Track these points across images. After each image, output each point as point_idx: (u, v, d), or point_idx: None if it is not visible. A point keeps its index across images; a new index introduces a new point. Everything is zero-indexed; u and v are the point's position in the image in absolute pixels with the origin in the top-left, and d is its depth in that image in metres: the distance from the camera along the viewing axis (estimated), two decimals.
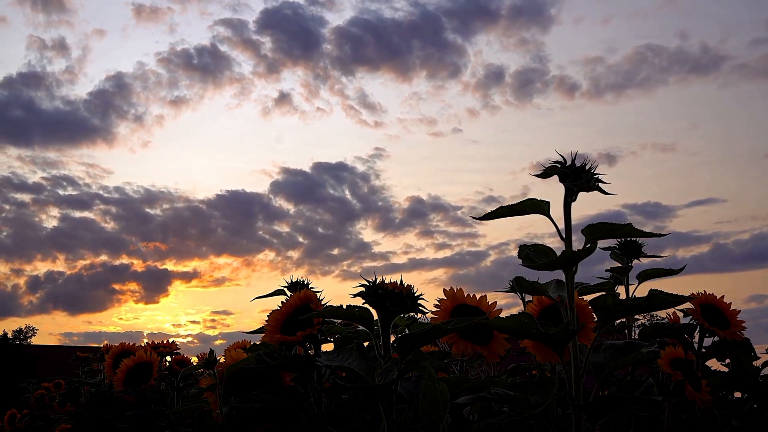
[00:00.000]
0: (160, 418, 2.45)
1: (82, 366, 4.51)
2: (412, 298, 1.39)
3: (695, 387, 1.57)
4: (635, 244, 2.13)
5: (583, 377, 1.33)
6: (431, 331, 1.34)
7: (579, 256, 1.31)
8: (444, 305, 1.55)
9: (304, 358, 1.55)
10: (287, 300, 1.65)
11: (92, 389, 3.42)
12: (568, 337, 1.31)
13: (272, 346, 1.66)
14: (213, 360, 2.01)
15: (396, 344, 1.36)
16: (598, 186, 1.31)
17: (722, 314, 1.74)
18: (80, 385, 3.90)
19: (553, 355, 1.46)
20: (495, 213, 1.38)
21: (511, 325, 1.36)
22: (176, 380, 2.56)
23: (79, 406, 3.82)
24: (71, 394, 4.21)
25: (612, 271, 2.18)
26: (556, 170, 1.30)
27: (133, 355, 2.57)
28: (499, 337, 1.55)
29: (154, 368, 2.57)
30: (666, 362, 1.56)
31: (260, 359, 1.59)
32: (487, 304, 1.55)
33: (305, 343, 1.61)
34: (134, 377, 2.54)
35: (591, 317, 1.54)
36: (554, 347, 1.34)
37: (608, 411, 1.27)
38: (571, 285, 1.34)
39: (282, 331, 1.60)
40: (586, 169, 1.29)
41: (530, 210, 1.35)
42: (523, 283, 1.48)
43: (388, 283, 1.39)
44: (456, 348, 1.53)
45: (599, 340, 1.39)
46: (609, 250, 2.20)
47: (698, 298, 1.74)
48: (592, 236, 1.33)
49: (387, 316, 1.39)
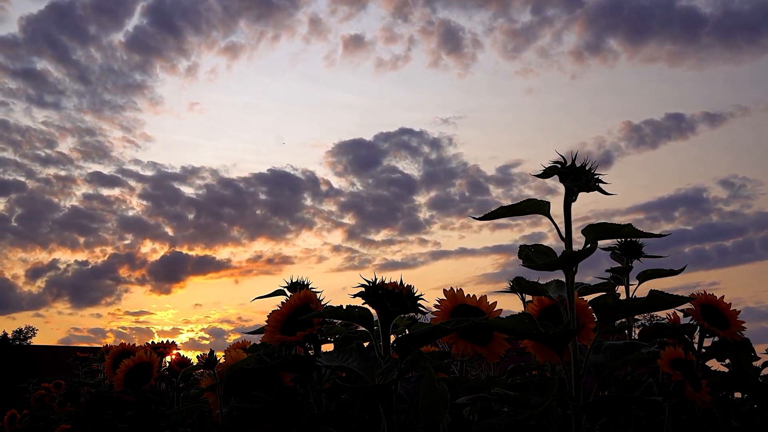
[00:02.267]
0: (160, 419, 2.45)
1: (82, 366, 4.52)
2: (412, 299, 1.39)
3: (695, 387, 1.57)
4: (635, 244, 2.13)
5: (583, 377, 1.33)
6: (431, 331, 1.34)
7: (579, 257, 1.31)
8: (444, 305, 1.54)
9: (304, 359, 1.55)
10: (287, 300, 1.65)
11: (92, 389, 3.42)
12: (568, 337, 1.31)
13: (272, 347, 1.66)
14: (213, 360, 2.01)
15: (396, 344, 1.36)
16: (598, 186, 1.31)
17: (722, 314, 1.74)
18: (80, 386, 3.91)
19: (553, 356, 1.46)
20: (495, 213, 1.38)
21: (511, 325, 1.36)
22: (176, 380, 2.56)
23: (79, 406, 3.82)
24: (71, 394, 4.20)
25: (612, 271, 2.18)
26: (556, 170, 1.30)
27: (133, 356, 2.56)
28: (499, 338, 1.54)
29: (154, 368, 2.57)
30: (666, 362, 1.56)
31: (260, 359, 1.59)
32: (487, 305, 1.55)
33: (305, 343, 1.61)
34: (134, 377, 2.54)
35: (591, 317, 1.54)
36: (554, 347, 1.34)
37: (608, 411, 1.27)
38: (571, 285, 1.34)
39: (282, 331, 1.60)
40: (586, 170, 1.29)
41: (530, 210, 1.35)
42: (523, 283, 1.48)
43: (388, 283, 1.39)
44: (456, 348, 1.53)
45: (599, 340, 1.39)
46: (609, 250, 2.20)
47: (698, 298, 1.74)
48: (593, 236, 1.33)
49: (387, 316, 1.39)
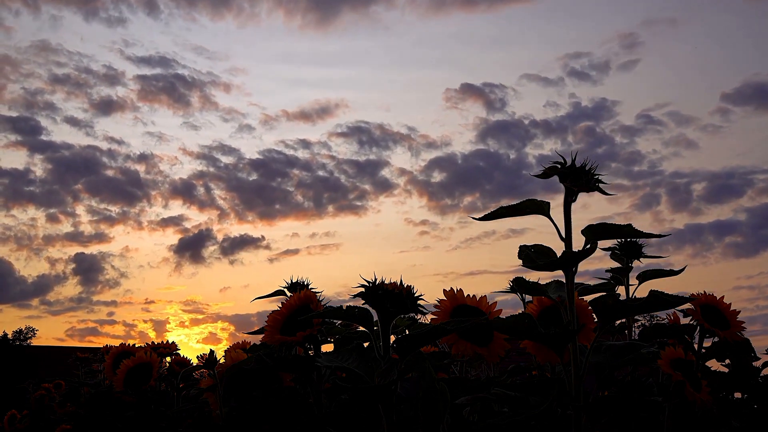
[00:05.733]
0: (161, 419, 2.45)
1: (82, 366, 4.52)
2: (412, 299, 1.39)
3: (695, 387, 1.57)
4: (635, 244, 2.13)
5: (583, 378, 1.33)
6: (431, 331, 1.34)
7: (579, 257, 1.31)
8: (444, 306, 1.54)
9: (304, 359, 1.55)
10: (287, 300, 1.65)
11: (92, 390, 3.42)
12: (568, 337, 1.31)
13: (272, 347, 1.66)
14: (213, 360, 2.01)
15: (396, 345, 1.36)
16: (598, 186, 1.31)
17: (722, 315, 1.74)
18: (80, 386, 3.90)
19: (553, 356, 1.46)
20: (495, 213, 1.38)
21: (511, 325, 1.36)
22: (176, 381, 2.56)
23: (79, 406, 3.82)
24: (71, 394, 4.20)
25: (612, 271, 2.18)
26: (556, 170, 1.30)
27: (133, 356, 2.56)
28: (499, 338, 1.54)
29: (154, 369, 2.57)
30: (666, 363, 1.56)
31: (260, 360, 1.59)
32: (487, 305, 1.55)
33: (305, 343, 1.61)
34: (134, 378, 2.54)
35: (591, 318, 1.54)
36: (554, 348, 1.34)
37: (608, 411, 1.27)
38: (571, 285, 1.34)
39: (282, 331, 1.60)
40: (587, 170, 1.29)
41: (530, 210, 1.35)
42: (523, 283, 1.48)
43: (388, 283, 1.39)
44: (456, 349, 1.53)
45: (599, 340, 1.39)
46: (609, 250, 2.20)
47: (698, 298, 1.74)
48: (592, 237, 1.33)
49: (387, 316, 1.39)
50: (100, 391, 3.08)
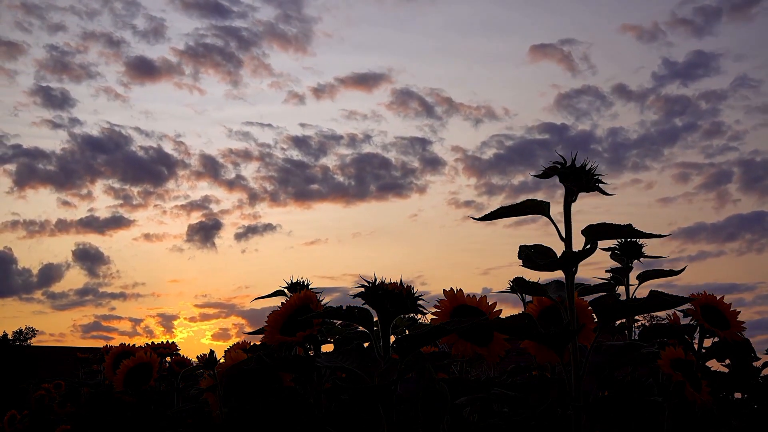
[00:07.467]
0: (161, 419, 2.45)
1: (82, 367, 4.52)
2: (412, 299, 1.39)
3: (695, 387, 1.57)
4: (635, 244, 2.13)
5: (583, 378, 1.33)
6: (431, 332, 1.34)
7: (579, 257, 1.31)
8: (444, 306, 1.54)
9: (304, 359, 1.55)
10: (287, 301, 1.65)
11: (92, 390, 3.42)
12: (568, 337, 1.31)
13: (272, 347, 1.66)
14: (213, 360, 2.01)
15: (396, 345, 1.36)
16: (598, 187, 1.31)
17: (722, 315, 1.74)
18: (80, 386, 3.90)
19: (553, 356, 1.46)
20: (494, 213, 1.38)
21: (511, 325, 1.36)
22: (176, 381, 2.56)
23: (79, 406, 3.82)
24: (71, 394, 4.20)
25: (612, 271, 2.18)
26: (557, 171, 1.30)
27: (133, 356, 2.56)
28: (499, 338, 1.54)
29: (154, 369, 2.57)
30: (666, 363, 1.56)
31: (260, 360, 1.59)
32: (487, 305, 1.55)
33: (305, 343, 1.61)
34: (134, 378, 2.54)
35: (591, 318, 1.54)
36: (554, 348, 1.34)
37: (608, 412, 1.27)
38: (571, 285, 1.34)
39: (282, 331, 1.60)
40: (587, 170, 1.29)
41: (530, 210, 1.35)
42: (523, 283, 1.48)
43: (388, 283, 1.39)
44: (456, 349, 1.53)
45: (599, 340, 1.39)
46: (609, 250, 2.19)
47: (698, 298, 1.74)
48: (592, 237, 1.33)
49: (387, 316, 1.39)
50: (100, 392, 3.08)
